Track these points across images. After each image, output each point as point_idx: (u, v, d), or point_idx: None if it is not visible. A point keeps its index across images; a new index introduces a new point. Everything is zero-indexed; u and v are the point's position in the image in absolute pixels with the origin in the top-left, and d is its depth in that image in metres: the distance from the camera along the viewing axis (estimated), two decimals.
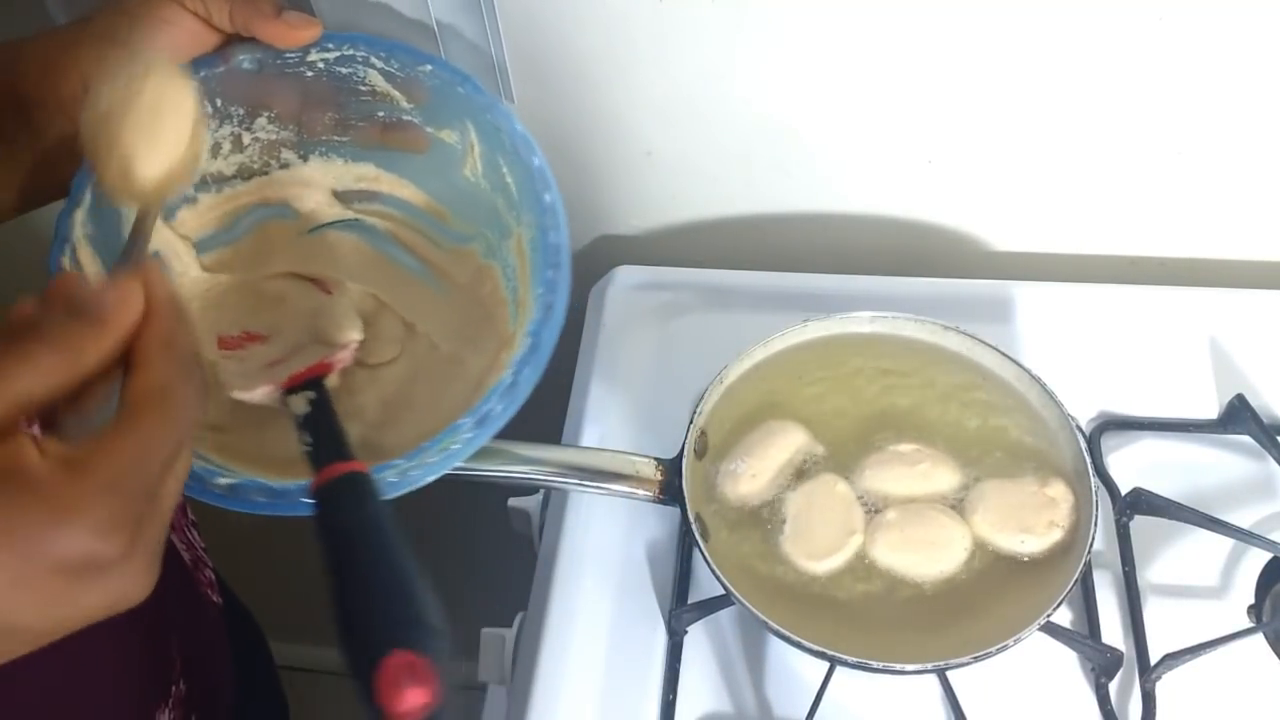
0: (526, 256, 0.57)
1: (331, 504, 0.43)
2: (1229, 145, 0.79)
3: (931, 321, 0.72)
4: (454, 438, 0.50)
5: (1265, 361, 0.79)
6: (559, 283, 0.54)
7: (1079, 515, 0.64)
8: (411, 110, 0.59)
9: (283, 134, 0.60)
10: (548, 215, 0.55)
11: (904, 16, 0.73)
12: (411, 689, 0.37)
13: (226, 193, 0.61)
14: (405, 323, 0.61)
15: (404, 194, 0.63)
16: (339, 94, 0.59)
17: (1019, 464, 0.67)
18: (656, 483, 0.67)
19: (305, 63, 0.57)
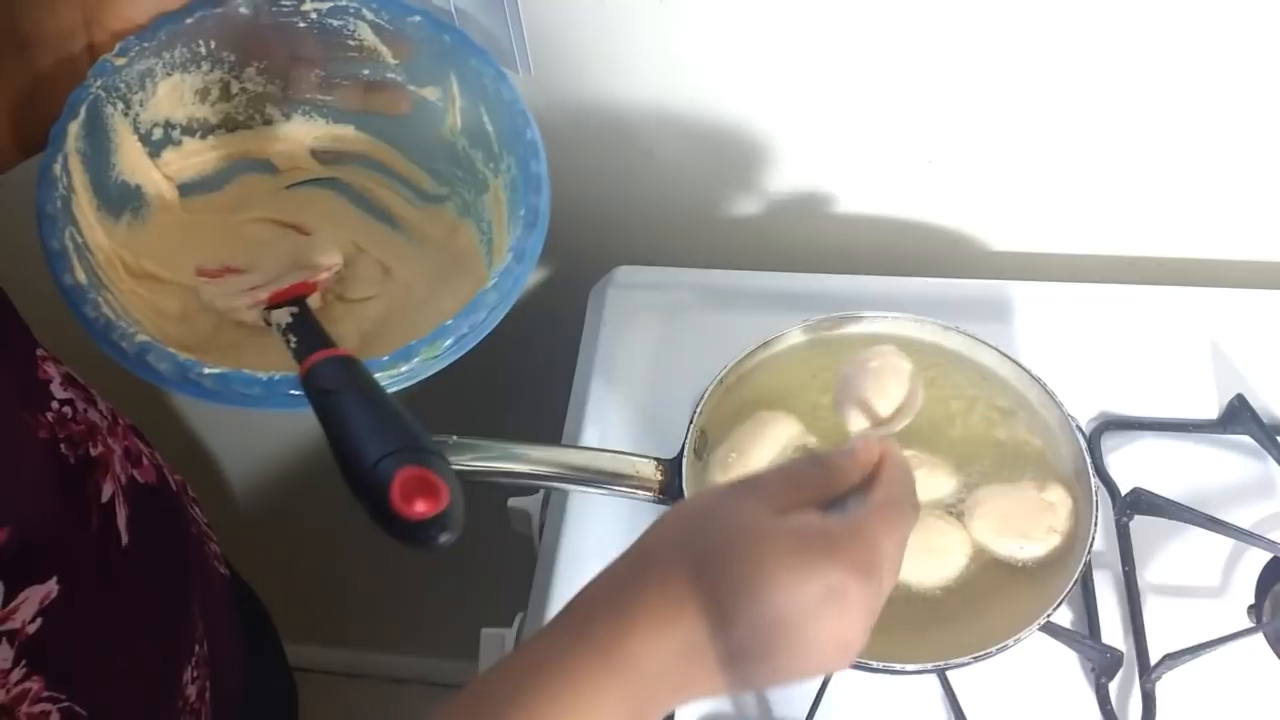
0: (504, 201, 0.60)
1: (319, 380, 0.48)
2: (1229, 145, 0.79)
3: (931, 321, 0.72)
4: (441, 340, 0.52)
5: (1265, 361, 0.79)
6: (540, 207, 0.56)
7: (1078, 520, 0.63)
8: (396, 68, 0.61)
9: (269, 88, 0.62)
10: (529, 148, 0.57)
11: (904, 17, 0.73)
12: (423, 496, 0.42)
13: (210, 140, 0.62)
14: (382, 266, 0.63)
15: (381, 157, 0.65)
16: (327, 48, 0.61)
17: (1018, 468, 0.66)
18: (656, 483, 0.67)
19: (299, 12, 0.59)
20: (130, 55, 0.55)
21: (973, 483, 0.66)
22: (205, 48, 0.59)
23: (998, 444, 0.68)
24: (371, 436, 0.45)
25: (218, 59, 0.60)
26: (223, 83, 0.61)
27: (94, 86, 0.54)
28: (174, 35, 0.57)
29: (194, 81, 0.60)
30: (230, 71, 0.61)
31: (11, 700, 0.50)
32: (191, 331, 0.58)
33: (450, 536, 0.42)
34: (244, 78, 0.61)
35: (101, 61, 0.55)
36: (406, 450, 0.44)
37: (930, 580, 0.63)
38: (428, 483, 0.42)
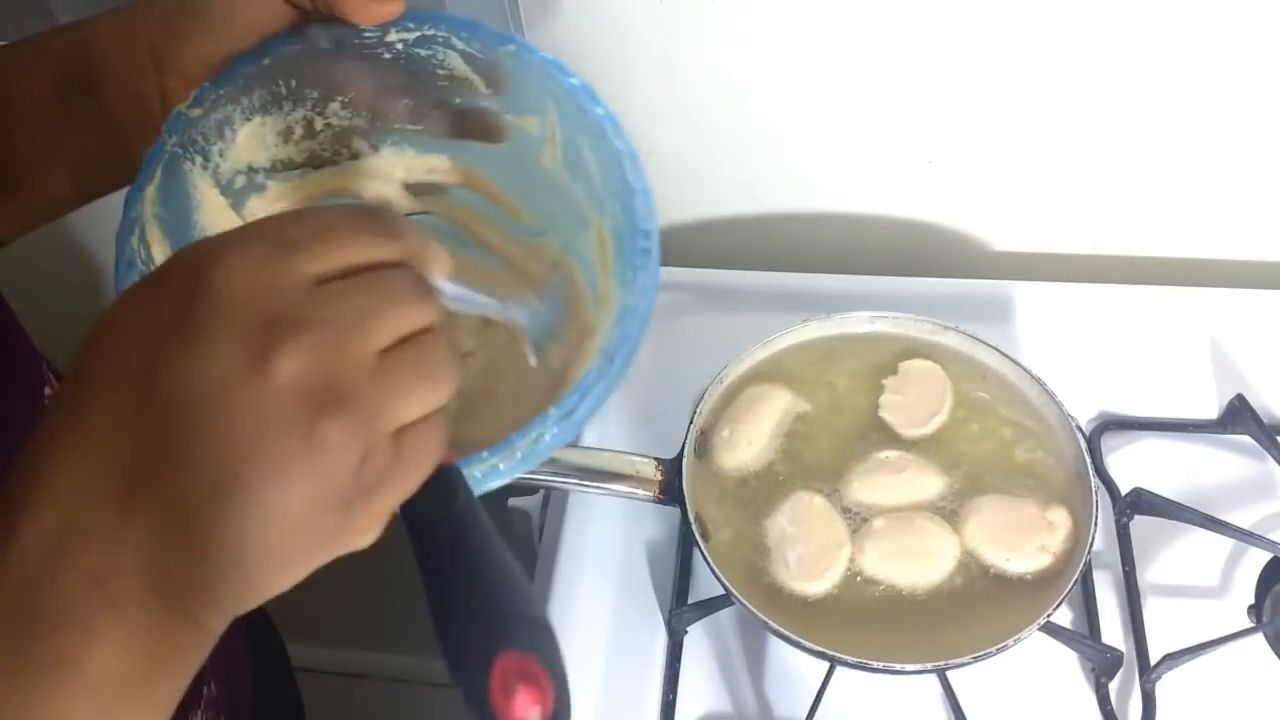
0: (609, 247, 0.55)
1: (419, 498, 0.41)
2: (1229, 145, 0.79)
3: (931, 321, 0.72)
4: (542, 429, 0.47)
5: (1265, 361, 0.79)
6: (651, 268, 0.51)
7: (1075, 543, 0.63)
8: (490, 97, 0.57)
9: (355, 121, 0.58)
10: (637, 198, 0.52)
11: (905, 17, 0.73)
12: (525, 691, 0.36)
13: (295, 181, 0.58)
14: (481, 316, 0.58)
15: (476, 187, 0.61)
16: (416, 79, 0.57)
17: (1024, 483, 0.66)
18: (656, 483, 0.67)
19: (384, 43, 0.55)
20: (206, 105, 0.51)
21: (968, 488, 0.66)
22: (285, 87, 0.55)
23: (1008, 460, 0.67)
24: (469, 595, 0.38)
25: (300, 97, 0.55)
26: (306, 120, 0.57)
27: (169, 143, 0.50)
28: (252, 79, 0.53)
29: (275, 123, 0.56)
30: (314, 109, 0.56)
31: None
32: None
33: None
34: (328, 113, 0.57)
35: (176, 114, 0.50)
36: (510, 623, 0.38)
37: (920, 582, 0.63)
38: (533, 674, 0.36)
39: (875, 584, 0.63)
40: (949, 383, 0.71)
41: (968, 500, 0.65)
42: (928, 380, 0.71)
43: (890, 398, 0.70)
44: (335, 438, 0.32)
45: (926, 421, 0.69)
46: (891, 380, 0.71)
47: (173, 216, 0.52)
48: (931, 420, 0.69)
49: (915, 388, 0.71)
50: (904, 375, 0.71)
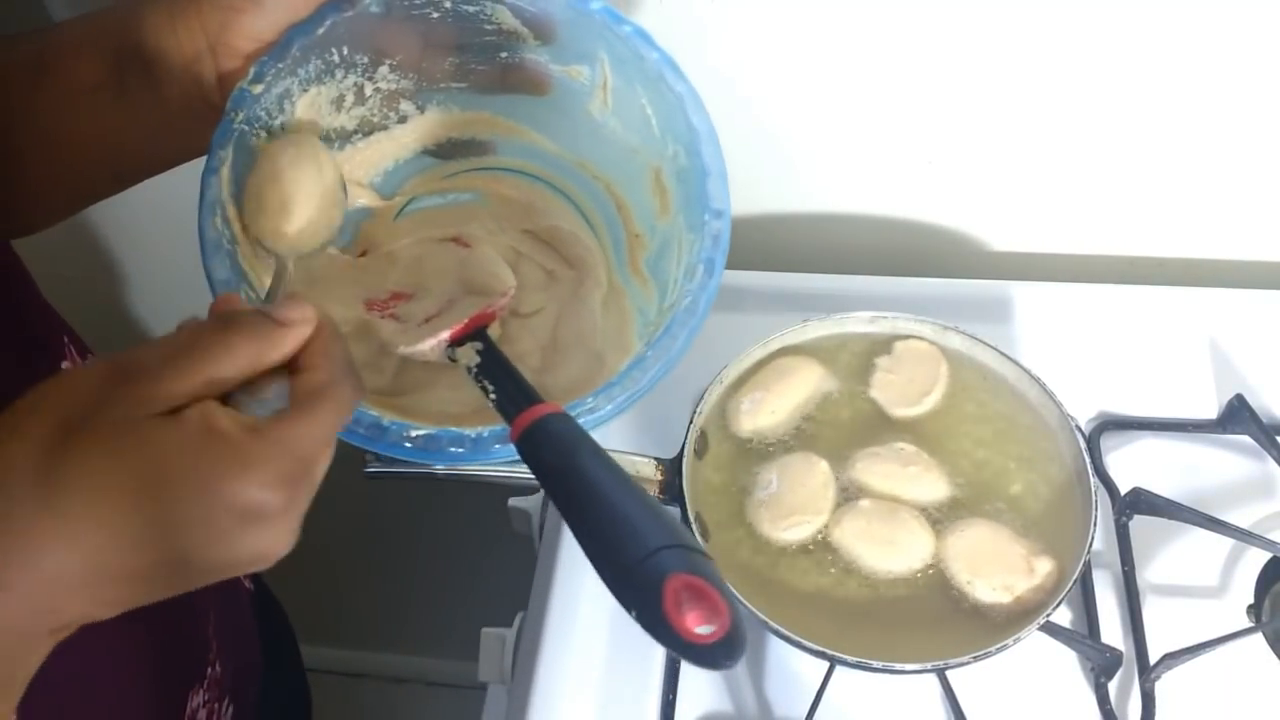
0: (670, 191, 0.56)
1: (545, 447, 0.44)
2: (1229, 145, 0.79)
3: (931, 321, 0.72)
4: (640, 370, 0.49)
5: (1265, 361, 0.79)
6: (724, 208, 0.53)
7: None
8: (538, 48, 0.57)
9: (402, 84, 0.58)
10: (701, 138, 0.53)
11: (904, 17, 0.73)
12: (698, 608, 0.38)
13: (348, 150, 0.59)
14: (545, 270, 0.60)
15: (522, 139, 0.61)
16: (463, 34, 0.56)
17: (1021, 521, 0.65)
18: (656, 483, 0.67)
19: (432, 2, 0.55)
20: (267, 80, 0.51)
21: (965, 507, 0.66)
22: (338, 55, 0.55)
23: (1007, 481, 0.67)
24: (626, 528, 0.40)
25: (351, 64, 0.56)
26: (357, 87, 0.57)
27: (237, 121, 0.50)
28: (308, 49, 0.53)
29: (329, 92, 0.56)
30: (364, 74, 0.57)
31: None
32: (379, 374, 0.54)
33: (735, 661, 0.38)
34: (377, 78, 0.57)
35: (240, 92, 0.50)
36: (673, 549, 0.39)
37: (880, 569, 0.63)
38: (705, 596, 0.38)
39: (837, 558, 0.64)
40: (944, 364, 0.71)
41: (962, 517, 0.65)
42: (921, 360, 0.71)
43: (882, 376, 0.71)
44: None
45: (918, 400, 0.69)
46: (885, 359, 0.71)
47: (242, 189, 0.52)
48: (924, 400, 0.69)
49: (908, 367, 0.71)
50: (898, 355, 0.71)
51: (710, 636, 0.38)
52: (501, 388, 0.49)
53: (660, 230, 0.57)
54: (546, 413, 0.45)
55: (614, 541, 0.40)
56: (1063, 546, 0.63)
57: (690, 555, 0.39)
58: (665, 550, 0.39)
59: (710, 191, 0.53)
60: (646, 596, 0.38)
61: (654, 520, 0.41)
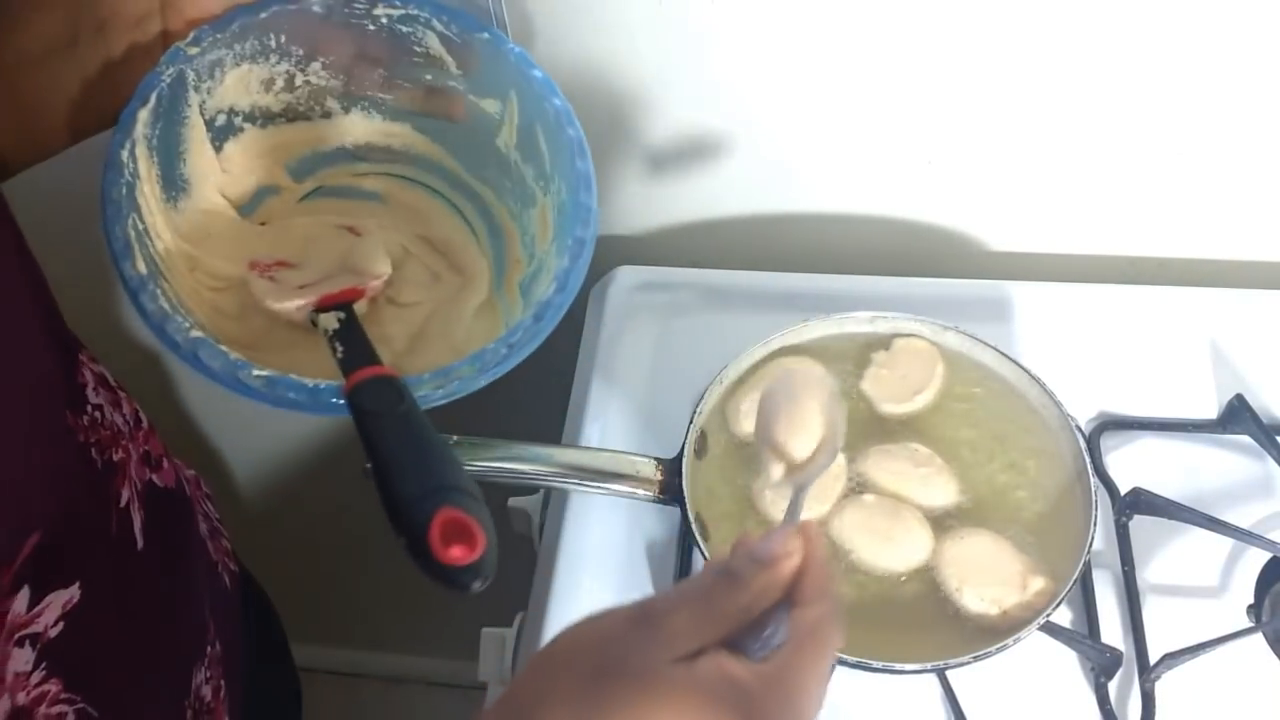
0: (550, 221, 0.61)
1: (366, 400, 0.50)
2: (1229, 145, 0.79)
3: (932, 321, 0.72)
4: (475, 364, 0.54)
5: (1265, 361, 0.79)
6: (587, 239, 0.58)
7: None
8: (458, 77, 0.63)
9: (332, 82, 0.64)
10: (582, 179, 0.59)
11: (904, 17, 0.73)
12: (460, 541, 0.43)
13: (270, 129, 0.64)
14: (431, 271, 0.65)
15: (433, 157, 0.66)
16: (393, 52, 0.62)
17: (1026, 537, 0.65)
18: (656, 483, 0.67)
19: (370, 15, 0.61)
20: (204, 45, 0.56)
21: (970, 518, 0.65)
22: (276, 41, 0.61)
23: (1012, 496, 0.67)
24: (413, 470, 0.46)
25: (286, 52, 0.61)
26: (288, 75, 0.62)
27: (166, 74, 0.55)
28: (247, 27, 0.59)
29: (261, 72, 0.61)
30: (297, 65, 0.62)
31: (31, 702, 0.50)
32: (247, 330, 0.59)
33: (483, 584, 0.43)
34: (309, 71, 0.63)
35: (175, 49, 0.56)
36: (447, 490, 0.45)
37: (873, 563, 0.64)
38: (465, 528, 0.43)
39: (834, 548, 0.64)
40: (940, 363, 0.71)
41: (965, 525, 0.65)
42: (918, 357, 0.71)
43: (875, 371, 0.71)
44: None
45: (909, 398, 0.69)
46: (881, 355, 0.71)
47: (161, 141, 0.57)
48: (915, 398, 0.69)
49: (903, 364, 0.71)
50: (894, 351, 0.71)
51: (463, 560, 0.42)
52: (349, 349, 0.54)
53: (537, 256, 0.62)
54: (378, 373, 0.51)
55: (398, 480, 0.46)
56: (1061, 557, 0.63)
57: (457, 494, 0.45)
58: (439, 491, 0.45)
59: (579, 222, 0.58)
60: (415, 529, 0.43)
61: (436, 465, 0.47)
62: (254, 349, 0.57)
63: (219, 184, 0.62)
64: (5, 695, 0.48)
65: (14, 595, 0.48)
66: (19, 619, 0.49)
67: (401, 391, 0.50)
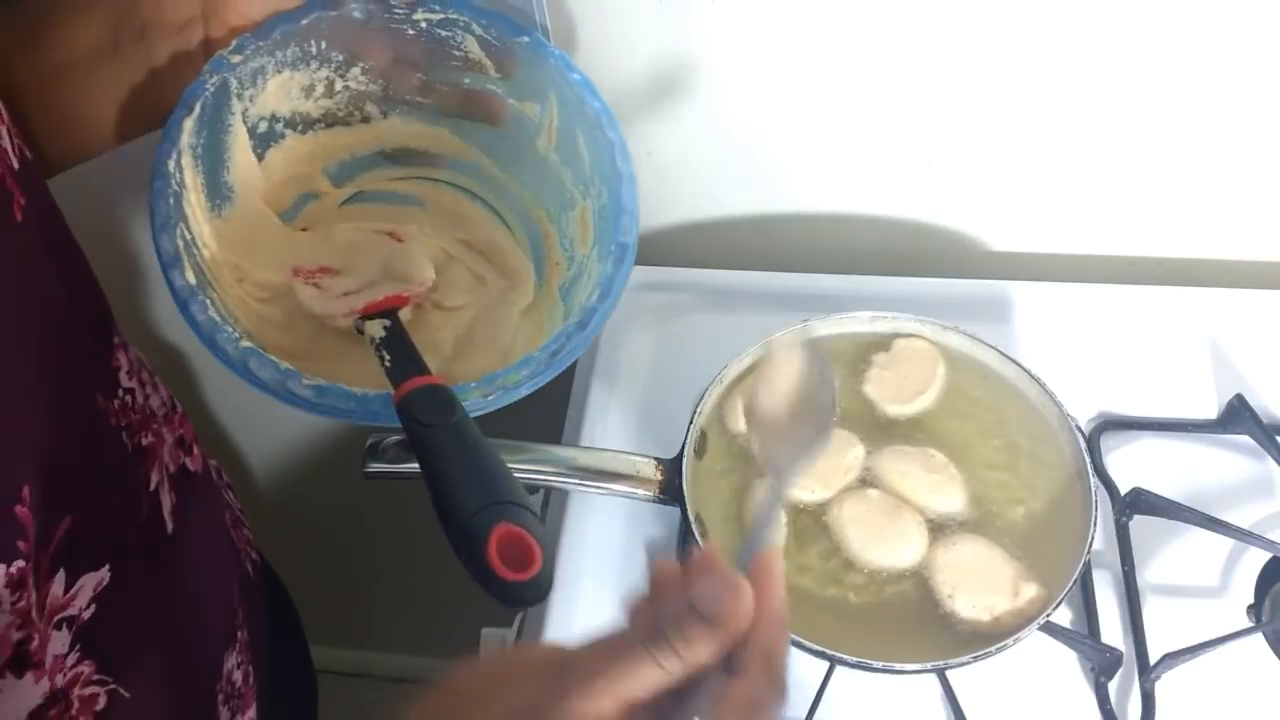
0: (590, 225, 0.62)
1: (418, 411, 0.49)
2: (1229, 145, 0.79)
3: (932, 321, 0.72)
4: (519, 372, 0.54)
5: (1265, 361, 0.79)
6: (630, 244, 0.58)
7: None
8: (498, 81, 0.63)
9: (371, 87, 0.64)
10: (624, 183, 0.59)
11: (904, 17, 0.73)
12: (517, 556, 0.43)
13: (310, 135, 0.64)
14: (475, 274, 0.65)
15: (472, 160, 0.67)
16: (432, 56, 0.62)
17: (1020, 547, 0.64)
18: (656, 483, 0.67)
19: (410, 20, 0.61)
20: (246, 53, 0.57)
21: (971, 525, 0.65)
22: (316, 47, 0.61)
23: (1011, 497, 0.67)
24: (468, 484, 0.46)
25: (326, 58, 0.62)
26: (328, 80, 0.63)
27: (210, 82, 0.56)
28: (289, 35, 0.59)
29: (301, 79, 0.62)
30: (336, 70, 0.62)
31: (67, 684, 0.51)
32: (294, 339, 0.59)
33: (540, 599, 0.43)
34: (349, 76, 0.63)
35: (218, 58, 0.56)
36: (503, 505, 0.45)
37: (863, 557, 0.64)
38: (523, 544, 0.43)
39: (827, 536, 0.65)
40: (942, 364, 0.70)
41: (960, 531, 0.65)
42: (918, 358, 0.71)
43: (877, 373, 0.71)
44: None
45: (911, 399, 0.69)
46: (881, 356, 0.71)
47: (206, 150, 0.58)
48: (917, 399, 0.69)
49: (904, 365, 0.71)
50: (895, 353, 0.71)
51: (521, 577, 0.43)
52: (397, 358, 0.55)
53: (577, 260, 0.63)
54: (429, 383, 0.51)
55: (454, 494, 0.46)
56: (1060, 558, 0.63)
57: (514, 509, 0.45)
58: (496, 506, 0.45)
59: (622, 226, 0.59)
60: (473, 543, 0.44)
61: (492, 479, 0.46)
62: (301, 358, 0.57)
63: (262, 191, 0.62)
64: (45, 678, 0.48)
65: (52, 578, 0.48)
66: (57, 601, 0.49)
67: (452, 402, 0.50)
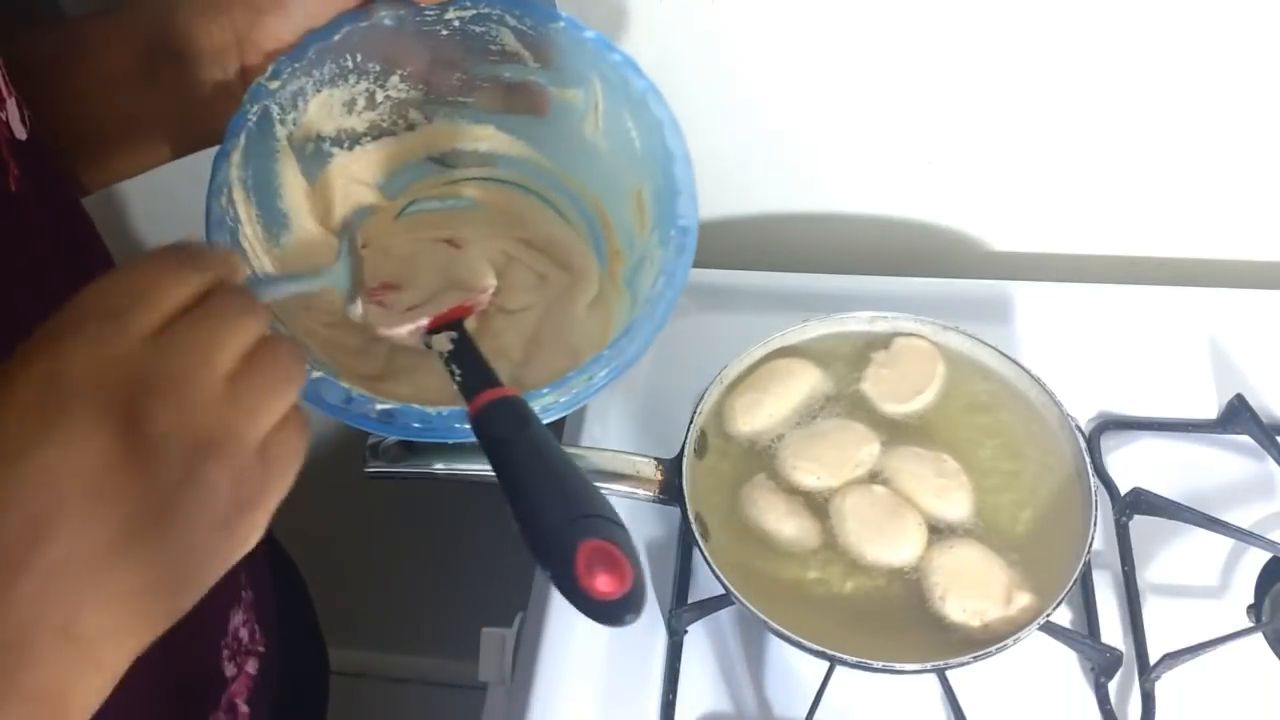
0: (648, 210, 0.60)
1: (493, 426, 0.48)
2: (1229, 145, 0.79)
3: (931, 321, 0.72)
4: (594, 370, 0.53)
5: (1265, 361, 0.79)
6: (690, 227, 0.57)
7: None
8: (537, 70, 0.61)
9: (411, 93, 0.63)
10: (676, 161, 0.57)
11: (904, 17, 0.73)
12: (607, 572, 0.42)
13: (357, 151, 0.63)
14: (536, 273, 0.64)
15: (522, 155, 0.65)
16: (469, 53, 0.61)
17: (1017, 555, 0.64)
18: (656, 483, 0.67)
19: (442, 20, 0.59)
20: (284, 77, 0.56)
21: (972, 532, 0.65)
22: (352, 61, 0.59)
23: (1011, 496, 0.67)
24: (551, 497, 0.45)
25: (364, 70, 0.60)
26: (368, 93, 0.61)
27: (251, 112, 0.55)
28: (323, 52, 0.57)
29: (341, 94, 0.60)
30: (375, 81, 0.61)
31: None
32: (369, 361, 0.58)
33: (635, 617, 0.42)
34: (388, 86, 0.62)
35: (257, 86, 0.55)
36: (590, 518, 0.44)
37: (859, 551, 0.64)
38: (613, 558, 0.42)
39: (826, 525, 0.65)
40: (941, 363, 0.70)
41: (961, 537, 0.65)
42: (917, 357, 0.71)
43: (875, 371, 0.71)
44: (212, 475, 0.37)
45: (910, 398, 0.69)
46: (880, 355, 0.71)
47: (256, 179, 0.57)
48: (916, 398, 0.69)
49: (903, 363, 0.71)
50: (894, 351, 0.71)
51: (614, 594, 0.41)
52: (467, 372, 0.53)
53: (638, 246, 0.61)
54: (502, 395, 0.50)
55: (537, 508, 0.45)
56: (1058, 560, 0.63)
57: (602, 523, 0.43)
58: (583, 519, 0.43)
59: (679, 209, 0.57)
60: (560, 559, 0.42)
61: (576, 492, 0.45)
62: (380, 379, 0.57)
63: (317, 213, 0.61)
64: None
65: None
66: None
67: (526, 414, 0.49)
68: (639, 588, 0.42)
